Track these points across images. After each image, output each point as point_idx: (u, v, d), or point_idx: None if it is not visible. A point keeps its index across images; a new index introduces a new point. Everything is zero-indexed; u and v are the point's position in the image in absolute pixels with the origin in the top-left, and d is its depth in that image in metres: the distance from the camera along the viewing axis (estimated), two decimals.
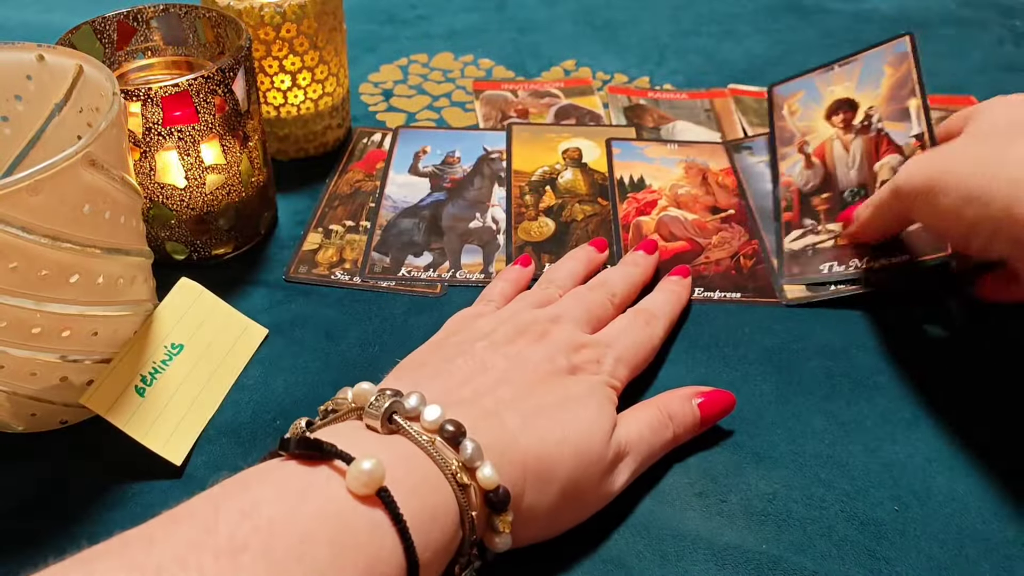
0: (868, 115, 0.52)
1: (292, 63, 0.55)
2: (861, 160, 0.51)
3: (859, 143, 0.52)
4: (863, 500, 0.38)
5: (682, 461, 0.40)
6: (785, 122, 0.57)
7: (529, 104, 0.68)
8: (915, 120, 0.49)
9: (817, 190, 0.52)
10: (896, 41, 0.52)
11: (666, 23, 0.81)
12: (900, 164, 0.47)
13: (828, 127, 0.54)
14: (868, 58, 0.53)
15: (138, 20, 0.51)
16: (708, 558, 0.35)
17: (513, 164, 0.60)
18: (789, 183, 0.54)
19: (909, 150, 0.48)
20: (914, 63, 0.50)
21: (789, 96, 0.57)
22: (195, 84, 0.44)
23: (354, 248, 0.52)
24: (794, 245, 0.51)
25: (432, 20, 0.82)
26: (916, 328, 0.47)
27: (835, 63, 0.56)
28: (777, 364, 0.45)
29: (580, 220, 0.55)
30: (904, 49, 0.51)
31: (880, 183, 0.48)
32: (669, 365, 0.45)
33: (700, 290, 0.49)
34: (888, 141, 0.50)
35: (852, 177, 0.51)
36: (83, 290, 0.36)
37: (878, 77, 0.52)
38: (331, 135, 0.61)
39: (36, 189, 0.31)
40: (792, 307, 0.48)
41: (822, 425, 0.41)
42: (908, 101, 0.50)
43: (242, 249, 0.52)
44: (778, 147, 0.56)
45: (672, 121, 0.65)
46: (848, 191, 0.50)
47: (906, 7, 0.84)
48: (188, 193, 0.47)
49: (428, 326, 0.47)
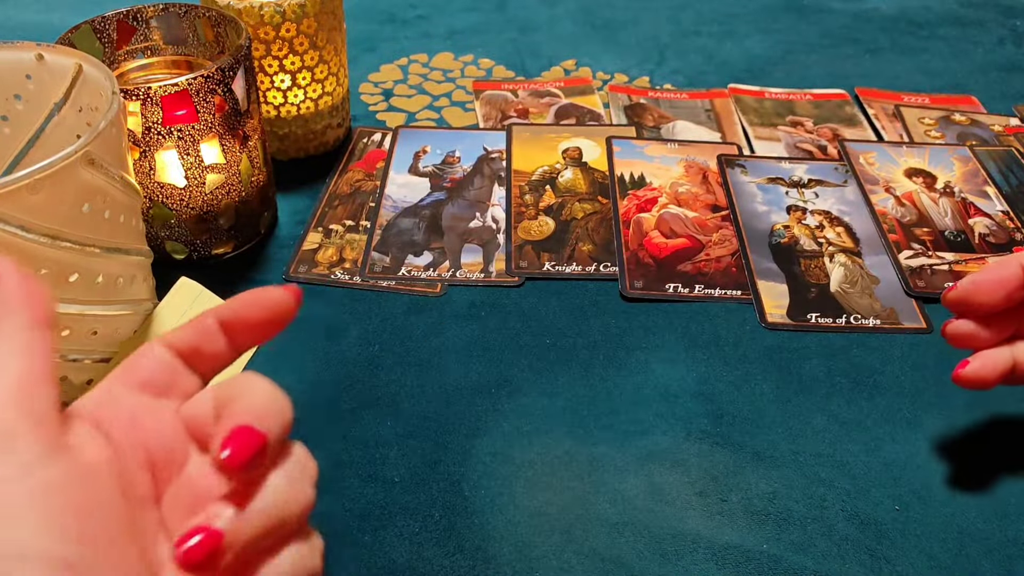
0: (949, 185, 0.58)
1: (292, 63, 0.55)
2: (953, 213, 0.55)
3: (946, 201, 0.56)
4: (863, 500, 0.38)
5: (682, 460, 0.39)
6: (864, 168, 0.59)
7: (529, 104, 0.68)
8: (995, 200, 0.56)
9: (915, 224, 0.54)
10: (958, 147, 0.62)
11: (666, 23, 0.81)
12: (992, 224, 0.54)
13: (910, 183, 0.58)
14: (933, 150, 0.61)
15: (138, 19, 0.51)
16: (708, 557, 0.35)
17: (513, 164, 0.59)
18: (884, 212, 0.55)
19: (999, 219, 0.55)
20: (979, 164, 0.60)
21: (863, 152, 0.61)
22: (195, 83, 0.44)
23: (354, 248, 0.52)
24: (911, 263, 0.51)
25: (432, 20, 0.82)
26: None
27: (903, 144, 0.62)
28: (778, 363, 0.45)
29: (580, 219, 0.55)
30: (967, 154, 0.61)
31: (979, 235, 0.53)
32: (669, 365, 0.45)
33: (701, 287, 0.49)
34: (975, 208, 0.56)
35: (948, 223, 0.55)
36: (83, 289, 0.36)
37: (949, 165, 0.60)
38: (331, 135, 0.61)
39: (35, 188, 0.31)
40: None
41: (822, 424, 0.41)
42: (984, 187, 0.58)
43: (242, 249, 0.52)
44: (864, 183, 0.58)
45: (672, 120, 0.65)
46: (948, 231, 0.54)
47: (907, 7, 0.84)
48: (188, 192, 0.47)
49: (428, 325, 0.47)
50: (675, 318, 0.48)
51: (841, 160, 0.60)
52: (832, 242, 0.53)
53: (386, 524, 0.37)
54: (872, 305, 0.48)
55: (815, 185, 0.58)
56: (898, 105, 0.67)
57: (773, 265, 0.51)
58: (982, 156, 0.61)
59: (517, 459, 0.40)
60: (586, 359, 0.45)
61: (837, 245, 0.52)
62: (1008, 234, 0.54)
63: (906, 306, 0.48)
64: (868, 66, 0.74)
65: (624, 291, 0.49)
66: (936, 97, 0.69)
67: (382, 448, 0.40)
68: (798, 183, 0.58)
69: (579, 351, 0.45)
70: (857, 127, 0.65)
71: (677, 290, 0.49)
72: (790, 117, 0.66)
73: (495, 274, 0.51)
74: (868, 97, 0.69)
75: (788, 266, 0.51)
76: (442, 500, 0.38)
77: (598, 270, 0.51)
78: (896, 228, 0.54)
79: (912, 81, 0.71)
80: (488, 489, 0.38)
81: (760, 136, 0.64)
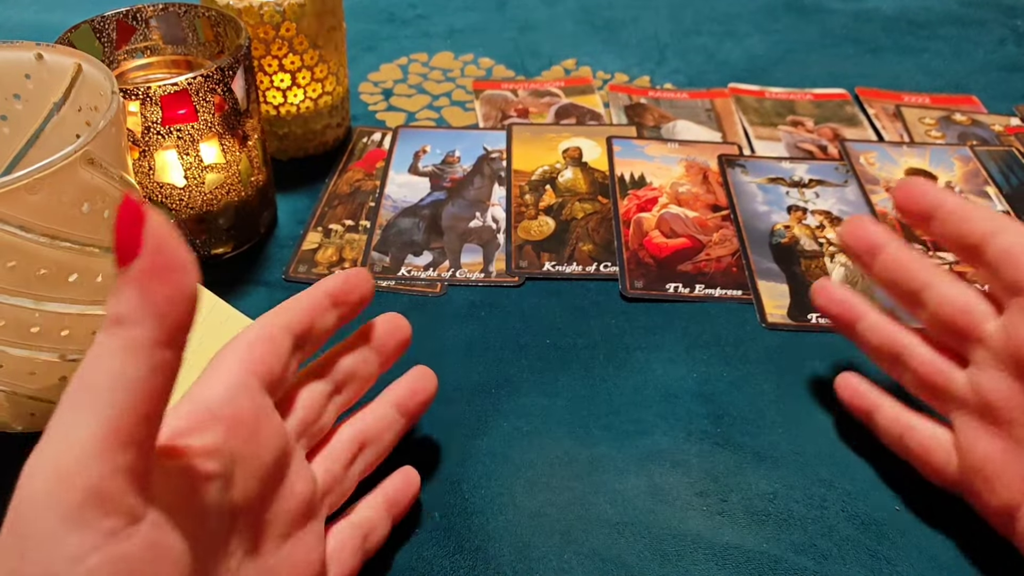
0: (949, 185, 0.57)
1: (292, 62, 0.55)
2: None
3: None
4: (864, 500, 0.38)
5: (683, 461, 0.39)
6: (865, 168, 0.59)
7: (529, 103, 0.68)
8: (996, 201, 0.56)
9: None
10: (959, 147, 0.62)
11: (667, 22, 0.81)
12: None
13: None
14: (933, 150, 0.61)
15: (137, 19, 0.51)
16: (708, 558, 0.35)
17: (513, 164, 0.59)
18: (884, 213, 0.55)
19: None
20: (980, 165, 0.59)
21: (863, 152, 0.61)
22: (194, 83, 0.44)
23: (354, 248, 0.52)
24: None
25: (432, 19, 0.82)
26: None
27: (903, 144, 0.62)
28: (778, 363, 0.45)
29: (580, 218, 0.55)
30: (967, 154, 0.61)
31: None
32: (669, 364, 0.44)
33: (701, 287, 0.49)
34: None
35: None
36: (82, 289, 0.36)
37: (949, 165, 0.59)
38: (331, 134, 0.61)
39: (35, 188, 0.31)
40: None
41: (823, 425, 0.41)
42: (985, 187, 0.57)
43: (242, 248, 0.52)
44: (864, 183, 0.58)
45: (673, 120, 0.65)
46: None
47: (907, 7, 0.84)
48: (187, 192, 0.47)
49: (428, 325, 0.47)
50: (675, 318, 0.48)
51: (842, 160, 0.60)
52: (833, 242, 0.53)
53: None
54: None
55: (816, 185, 0.58)
56: (899, 105, 0.67)
57: (774, 265, 0.51)
58: (983, 156, 0.61)
59: (517, 459, 0.40)
60: (586, 359, 0.45)
61: (838, 245, 0.52)
62: None
63: None
64: (868, 66, 0.74)
65: (624, 291, 0.49)
66: (937, 97, 0.69)
67: None
68: (799, 183, 0.58)
69: (579, 351, 0.45)
70: (858, 127, 0.65)
71: (677, 290, 0.49)
72: (791, 117, 0.66)
73: (495, 274, 0.51)
74: (868, 97, 0.69)
75: (789, 266, 0.51)
76: (442, 500, 0.38)
77: (598, 270, 0.51)
78: (896, 228, 0.54)
79: (912, 81, 0.71)
80: (488, 489, 0.38)
81: (760, 136, 0.64)
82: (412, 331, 0.37)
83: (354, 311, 0.34)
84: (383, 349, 0.36)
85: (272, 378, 0.30)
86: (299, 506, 0.30)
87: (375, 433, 0.35)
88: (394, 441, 0.36)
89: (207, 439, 0.26)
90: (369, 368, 0.35)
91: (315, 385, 0.33)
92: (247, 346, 0.29)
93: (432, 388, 0.38)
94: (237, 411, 0.27)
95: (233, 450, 0.26)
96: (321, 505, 0.32)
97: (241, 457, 0.27)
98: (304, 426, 0.32)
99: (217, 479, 0.25)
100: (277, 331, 0.30)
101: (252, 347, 0.29)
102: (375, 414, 0.35)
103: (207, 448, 0.26)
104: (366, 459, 0.34)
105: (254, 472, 0.27)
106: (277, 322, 0.31)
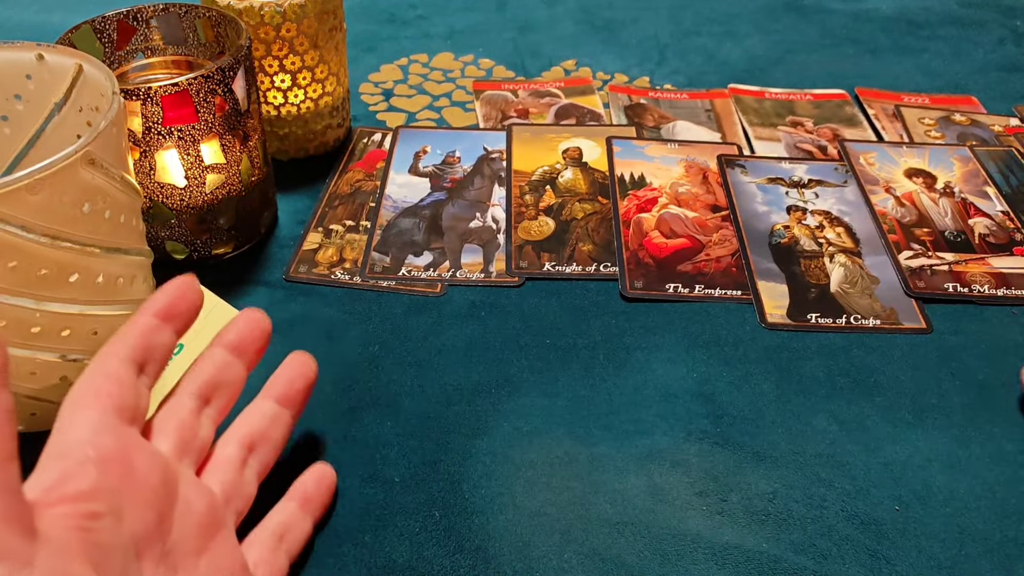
0: (949, 185, 0.58)
1: (292, 62, 0.55)
2: (953, 214, 0.55)
3: (946, 202, 0.56)
4: (863, 500, 0.38)
5: (682, 460, 0.39)
6: (864, 168, 0.59)
7: (529, 104, 0.68)
8: (995, 201, 0.56)
9: (915, 224, 0.54)
10: (958, 147, 0.62)
11: (666, 23, 0.81)
12: (992, 224, 0.54)
13: (910, 183, 0.58)
14: (933, 150, 0.61)
15: (138, 19, 0.51)
16: (708, 557, 0.35)
17: (513, 164, 0.59)
18: (884, 213, 0.55)
19: (999, 219, 0.55)
20: (979, 165, 0.60)
21: (863, 152, 0.61)
22: (195, 83, 0.44)
23: (354, 248, 0.52)
24: (911, 263, 0.51)
25: (432, 20, 0.82)
26: None
27: (903, 144, 0.62)
28: (778, 363, 0.45)
29: (580, 219, 0.55)
30: (967, 154, 0.61)
31: (979, 235, 0.53)
32: (669, 365, 0.45)
33: (701, 287, 0.49)
34: (975, 208, 0.56)
35: (948, 223, 0.55)
36: (83, 289, 0.36)
37: (949, 165, 0.60)
38: (331, 135, 0.61)
39: (36, 188, 0.31)
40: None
41: (823, 425, 0.41)
42: (984, 187, 0.58)
43: (242, 249, 0.52)
44: (863, 184, 0.58)
45: (672, 121, 0.65)
46: (948, 232, 0.54)
47: (907, 7, 0.84)
48: (188, 192, 0.47)
49: (428, 326, 0.47)
50: (675, 318, 0.48)
51: (841, 160, 0.60)
52: (832, 242, 0.53)
53: (386, 524, 0.37)
54: (872, 305, 0.48)
55: (815, 185, 0.58)
56: (898, 105, 0.67)
57: (773, 265, 0.51)
58: (982, 156, 0.61)
59: (517, 459, 0.40)
60: (586, 359, 0.45)
61: (837, 245, 0.52)
62: (1008, 234, 0.54)
63: (906, 306, 0.48)
64: (868, 66, 0.74)
65: (624, 291, 0.49)
66: (936, 97, 0.69)
67: (382, 448, 0.40)
68: (798, 183, 0.58)
69: (579, 351, 0.45)
70: (857, 127, 0.65)
71: (677, 290, 0.49)
72: (790, 117, 0.66)
73: (495, 274, 0.51)
74: (868, 97, 0.69)
75: (788, 266, 0.51)
76: (442, 500, 0.38)
77: (598, 270, 0.51)
78: (896, 228, 0.54)
79: (912, 81, 0.71)
80: (488, 489, 0.38)
81: (760, 136, 0.64)
82: (271, 322, 0.36)
83: (187, 321, 0.33)
84: (244, 349, 0.35)
85: (126, 408, 0.29)
86: (202, 520, 0.30)
87: (261, 432, 0.35)
88: (285, 434, 0.36)
89: (81, 484, 0.26)
90: (234, 371, 0.35)
91: (182, 403, 0.33)
92: (91, 385, 0.29)
93: (311, 372, 0.37)
94: (103, 450, 0.27)
95: (111, 486, 0.27)
96: (226, 514, 0.32)
97: (123, 491, 0.27)
98: (182, 444, 0.32)
99: (105, 517, 0.26)
100: (116, 362, 0.30)
101: (97, 385, 0.29)
102: (257, 413, 0.35)
103: (83, 492, 0.26)
104: (259, 459, 0.35)
105: (142, 501, 0.28)
106: (112, 352, 0.30)
